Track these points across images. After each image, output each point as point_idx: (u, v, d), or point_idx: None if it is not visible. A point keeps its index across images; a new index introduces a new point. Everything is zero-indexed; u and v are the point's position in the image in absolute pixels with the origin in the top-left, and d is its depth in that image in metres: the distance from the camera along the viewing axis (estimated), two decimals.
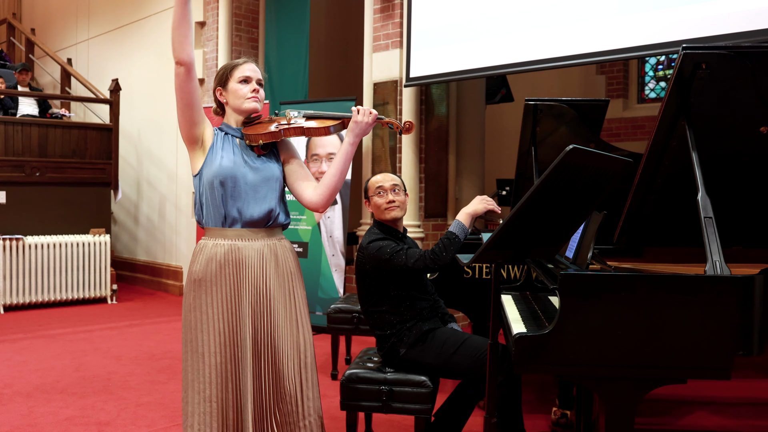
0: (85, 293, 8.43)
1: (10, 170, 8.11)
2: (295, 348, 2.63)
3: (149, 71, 9.75)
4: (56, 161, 8.43)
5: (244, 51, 8.75)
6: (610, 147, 4.04)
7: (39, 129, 8.40)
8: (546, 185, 2.00)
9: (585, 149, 1.99)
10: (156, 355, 5.85)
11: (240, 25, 8.71)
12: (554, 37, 5.46)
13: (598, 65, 9.46)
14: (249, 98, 2.73)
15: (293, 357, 2.62)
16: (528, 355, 2.33)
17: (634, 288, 2.28)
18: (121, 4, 10.44)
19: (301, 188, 2.71)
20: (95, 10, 11.13)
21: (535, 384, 4.87)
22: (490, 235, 2.12)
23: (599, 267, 2.85)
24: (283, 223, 2.73)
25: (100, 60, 10.96)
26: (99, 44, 11.02)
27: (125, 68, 10.12)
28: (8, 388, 4.89)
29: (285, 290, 2.65)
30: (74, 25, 11.68)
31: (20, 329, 6.93)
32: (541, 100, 4.04)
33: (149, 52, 9.79)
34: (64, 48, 11.80)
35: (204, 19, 8.84)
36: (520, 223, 2.11)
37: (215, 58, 8.65)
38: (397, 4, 6.65)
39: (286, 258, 2.68)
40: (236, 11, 8.66)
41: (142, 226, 10.04)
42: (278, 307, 2.61)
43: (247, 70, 2.74)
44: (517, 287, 3.67)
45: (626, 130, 9.37)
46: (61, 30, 12.07)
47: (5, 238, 7.88)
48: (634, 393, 2.32)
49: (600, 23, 5.19)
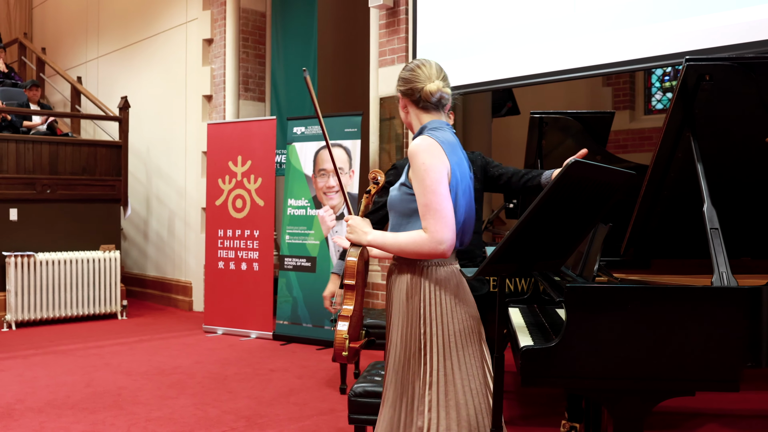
0: (96, 309, 8.45)
1: (22, 188, 8.16)
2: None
3: (157, 88, 9.82)
4: (67, 178, 8.48)
5: (252, 68, 8.81)
6: (616, 159, 4.05)
7: (50, 147, 8.46)
8: (549, 198, 2.01)
9: (587, 162, 2.00)
10: (166, 371, 5.86)
11: (247, 42, 8.77)
12: (560, 50, 5.48)
13: (605, 77, 9.47)
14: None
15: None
16: (535, 368, 2.33)
17: (641, 300, 2.27)
18: (129, 23, 10.53)
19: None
20: (104, 29, 11.23)
21: (543, 397, 4.86)
22: (495, 248, 2.13)
23: (606, 279, 2.84)
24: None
25: (109, 78, 11.04)
26: (108, 62, 11.11)
27: (134, 86, 10.20)
28: (20, 403, 4.91)
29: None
30: (84, 43, 11.78)
31: (32, 345, 6.95)
32: (546, 113, 4.06)
33: (157, 69, 9.87)
34: (74, 66, 11.90)
35: (211, 37, 8.91)
36: (525, 236, 2.11)
37: (222, 75, 8.71)
38: (402, 20, 6.69)
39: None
40: (243, 28, 8.72)
41: (152, 242, 10.08)
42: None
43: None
44: (525, 300, 3.67)
45: (633, 142, 9.36)
46: (71, 49, 12.17)
47: (17, 255, 7.92)
48: (642, 406, 2.31)
49: (606, 36, 5.20)
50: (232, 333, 7.43)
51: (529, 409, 4.61)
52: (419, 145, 2.31)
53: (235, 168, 7.53)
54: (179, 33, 9.44)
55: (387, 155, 6.77)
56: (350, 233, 2.43)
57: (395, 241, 2.36)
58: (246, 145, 7.48)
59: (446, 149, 2.34)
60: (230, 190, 7.57)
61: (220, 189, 7.62)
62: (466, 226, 2.43)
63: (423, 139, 2.34)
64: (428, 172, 2.27)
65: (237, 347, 6.83)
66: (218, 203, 7.64)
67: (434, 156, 2.30)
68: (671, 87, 9.49)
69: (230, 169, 7.58)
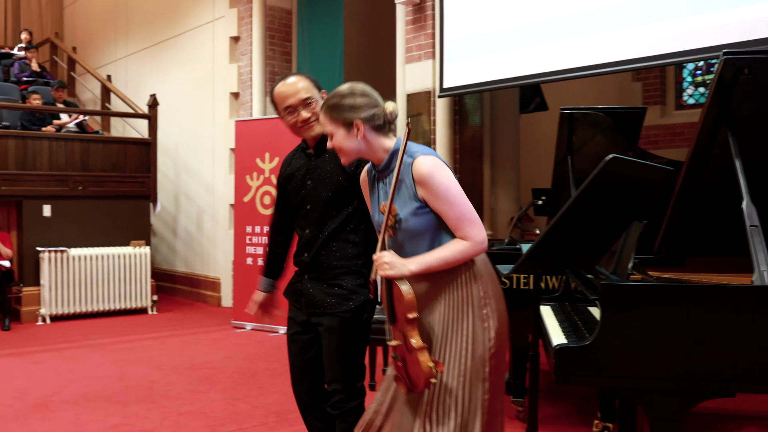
0: (127, 304, 8.55)
1: (55, 184, 8.27)
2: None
3: (185, 86, 9.89)
4: (97, 175, 8.58)
5: (278, 65, 8.82)
6: (648, 155, 3.99)
7: (81, 144, 8.56)
8: (585, 195, 1.98)
9: (625, 158, 1.97)
10: (196, 365, 5.91)
11: (273, 39, 8.79)
12: (589, 44, 5.43)
13: (634, 72, 9.36)
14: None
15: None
16: (569, 366, 2.31)
17: (677, 299, 2.24)
18: (157, 21, 10.60)
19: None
20: (133, 28, 11.32)
21: (575, 396, 4.82)
22: (530, 246, 2.11)
23: (640, 277, 2.81)
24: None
25: (138, 76, 11.13)
26: (137, 61, 11.20)
27: (162, 83, 10.27)
28: (56, 395, 4.99)
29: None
30: (113, 42, 11.89)
31: (66, 339, 7.06)
32: (576, 109, 4.01)
33: (185, 67, 9.93)
34: (103, 65, 12.01)
35: (238, 34, 8.94)
36: (560, 233, 2.09)
37: (249, 72, 8.74)
38: (428, 15, 6.66)
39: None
40: (269, 26, 8.74)
41: (181, 238, 10.15)
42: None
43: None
44: (556, 298, 3.64)
45: (664, 138, 9.24)
46: (101, 47, 12.29)
47: (50, 251, 8.03)
48: (679, 406, 2.28)
49: (636, 30, 5.14)
50: (260, 329, 7.46)
51: (561, 408, 4.58)
52: (429, 167, 2.31)
53: (263, 165, 7.56)
54: (206, 31, 9.49)
55: None
56: (390, 270, 2.35)
57: (440, 259, 2.34)
58: (273, 141, 7.50)
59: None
60: (258, 186, 7.61)
61: (248, 186, 7.66)
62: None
63: (425, 159, 2.33)
64: (449, 188, 2.30)
65: (266, 343, 6.86)
66: (246, 200, 7.67)
67: (444, 170, 2.33)
68: (704, 81, 9.36)
69: (258, 166, 7.61)
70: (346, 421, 2.81)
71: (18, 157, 8.09)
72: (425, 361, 2.29)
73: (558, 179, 4.37)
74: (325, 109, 2.46)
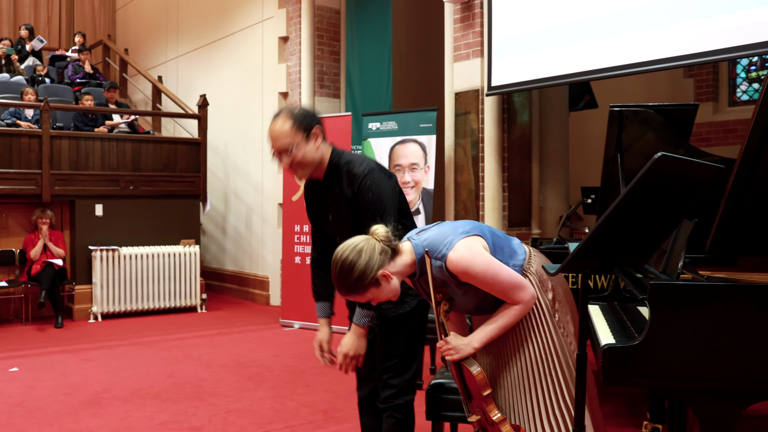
0: (176, 302, 8.69)
1: (106, 184, 8.44)
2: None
3: (235, 86, 10.00)
4: (148, 175, 8.73)
5: (327, 64, 8.87)
6: (699, 153, 3.91)
7: (132, 144, 8.72)
8: (634, 193, 1.95)
9: (674, 156, 1.94)
10: (244, 363, 5.97)
11: (322, 39, 8.84)
12: (640, 41, 5.34)
13: (686, 68, 9.19)
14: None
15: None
16: (617, 366, 2.28)
17: (729, 298, 2.20)
18: (207, 22, 10.75)
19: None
20: (183, 29, 11.50)
21: (624, 396, 4.76)
22: (577, 244, 2.09)
23: (691, 277, 2.76)
24: None
25: (188, 76, 11.30)
26: (187, 61, 11.37)
27: (212, 84, 10.41)
28: (107, 392, 5.09)
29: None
30: (164, 43, 12.09)
31: (116, 336, 7.20)
32: (626, 106, 3.95)
33: (235, 67, 10.05)
34: (154, 66, 12.22)
35: (287, 34, 9.02)
36: (608, 232, 2.06)
37: (298, 72, 8.81)
38: (477, 14, 6.63)
39: None
40: (318, 25, 8.79)
41: (230, 237, 10.27)
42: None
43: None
44: (605, 297, 3.60)
45: (717, 135, 9.06)
46: (152, 49, 12.51)
47: (102, 249, 8.20)
48: (731, 408, 2.23)
49: (688, 25, 5.05)
50: (308, 327, 7.51)
51: (610, 409, 4.52)
52: (461, 260, 2.32)
53: None
54: (255, 31, 9.59)
55: (462, 150, 6.73)
56: (456, 354, 2.39)
57: (499, 327, 2.40)
58: None
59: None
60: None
61: (296, 185, 7.71)
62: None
63: (455, 252, 2.33)
64: (486, 271, 2.33)
65: (313, 341, 6.89)
66: (294, 199, 7.73)
67: (478, 253, 2.35)
68: (758, 77, 9.15)
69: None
70: (392, 417, 2.82)
71: (71, 157, 8.28)
72: (479, 373, 2.35)
73: (607, 177, 4.31)
74: (347, 292, 2.40)
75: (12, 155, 7.96)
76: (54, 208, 8.28)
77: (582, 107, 8.77)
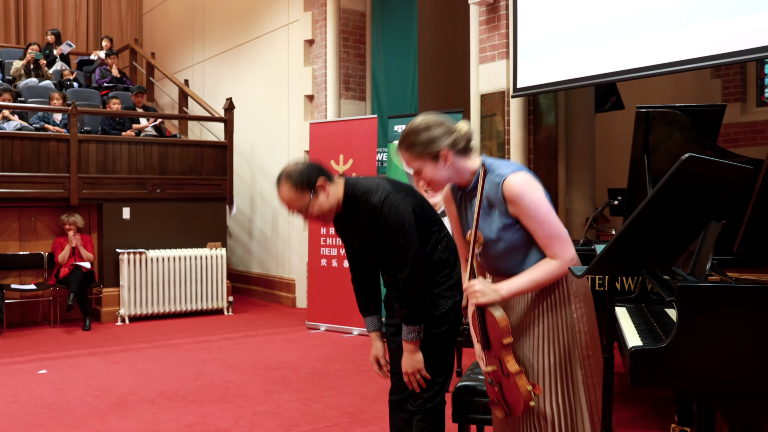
0: (203, 305, 8.75)
1: (134, 187, 8.53)
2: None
3: (261, 89, 10.07)
4: (175, 178, 8.81)
5: (352, 67, 8.89)
6: (727, 153, 3.88)
7: (159, 148, 8.80)
8: (661, 195, 1.95)
9: (701, 157, 1.93)
10: (271, 365, 6.01)
11: (347, 42, 8.86)
12: (666, 41, 5.31)
13: (714, 69, 9.11)
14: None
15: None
16: (644, 369, 2.27)
17: (756, 300, 2.18)
18: (232, 26, 10.83)
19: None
20: (209, 33, 11.59)
21: (651, 399, 4.73)
22: (604, 246, 2.08)
23: (719, 278, 2.74)
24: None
25: (214, 80, 11.39)
26: (213, 65, 11.46)
27: (238, 87, 10.48)
28: (134, 394, 5.14)
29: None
30: (190, 47, 12.19)
31: (144, 339, 7.26)
32: (653, 107, 3.93)
33: (260, 70, 10.11)
34: (181, 70, 12.33)
35: (312, 37, 9.06)
36: (635, 233, 2.06)
37: (324, 75, 8.84)
38: (502, 15, 6.62)
39: None
40: (343, 28, 8.82)
41: (256, 239, 10.33)
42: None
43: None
44: (632, 299, 3.58)
45: (745, 135, 8.96)
46: (179, 53, 12.62)
47: (129, 252, 8.28)
48: (758, 410, 2.21)
49: (715, 25, 5.00)
50: (334, 330, 7.54)
51: (637, 412, 4.49)
52: (520, 184, 2.32)
53: (337, 166, 7.64)
54: (281, 34, 9.65)
55: (488, 152, 6.72)
56: (482, 297, 2.34)
57: (530, 281, 2.36)
58: (348, 143, 7.57)
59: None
60: None
61: None
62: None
63: (517, 176, 2.33)
64: (539, 206, 2.32)
65: (339, 344, 6.93)
66: None
67: (535, 188, 2.34)
68: None
69: (332, 168, 7.67)
70: (424, 421, 2.84)
71: (99, 161, 8.38)
72: (523, 385, 2.30)
73: (634, 179, 4.29)
74: (405, 147, 2.46)
75: (40, 159, 8.07)
76: (82, 211, 8.38)
77: (608, 108, 8.72)
